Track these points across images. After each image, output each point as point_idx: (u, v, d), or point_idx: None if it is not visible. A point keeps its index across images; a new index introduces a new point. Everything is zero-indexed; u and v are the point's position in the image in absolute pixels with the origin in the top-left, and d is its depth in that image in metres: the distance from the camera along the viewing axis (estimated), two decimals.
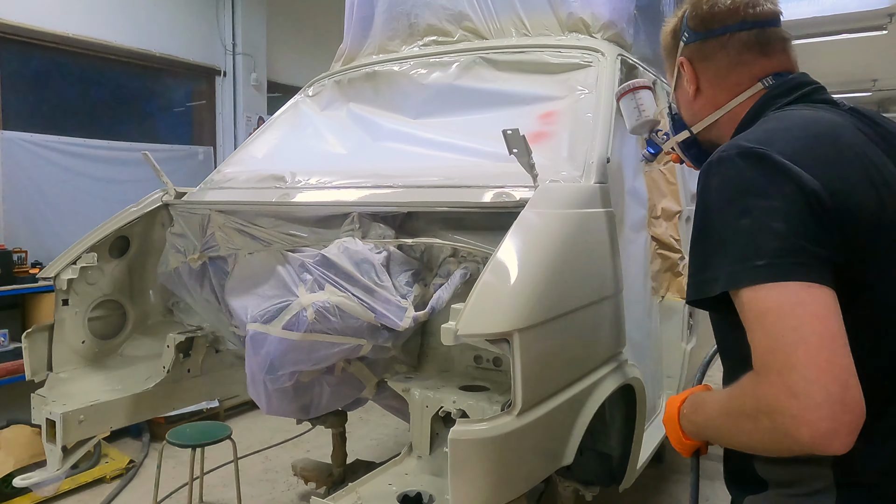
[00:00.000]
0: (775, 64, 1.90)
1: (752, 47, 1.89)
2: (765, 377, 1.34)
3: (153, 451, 6.06)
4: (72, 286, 3.72)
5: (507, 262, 2.35)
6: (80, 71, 7.63)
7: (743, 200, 1.47)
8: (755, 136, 1.60)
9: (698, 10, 1.96)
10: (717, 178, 1.55)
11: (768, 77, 1.87)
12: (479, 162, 3.21)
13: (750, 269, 1.40)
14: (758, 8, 1.89)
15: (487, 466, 2.23)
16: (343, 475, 4.48)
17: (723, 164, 1.55)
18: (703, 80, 1.99)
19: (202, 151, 8.82)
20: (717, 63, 1.93)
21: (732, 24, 1.90)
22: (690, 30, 1.99)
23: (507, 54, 3.81)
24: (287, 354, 2.87)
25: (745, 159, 1.51)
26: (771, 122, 1.71)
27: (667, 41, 2.15)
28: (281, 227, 3.37)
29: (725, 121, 1.95)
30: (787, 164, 1.47)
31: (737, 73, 1.91)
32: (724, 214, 1.50)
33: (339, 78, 4.42)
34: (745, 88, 1.90)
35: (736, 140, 1.62)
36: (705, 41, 1.95)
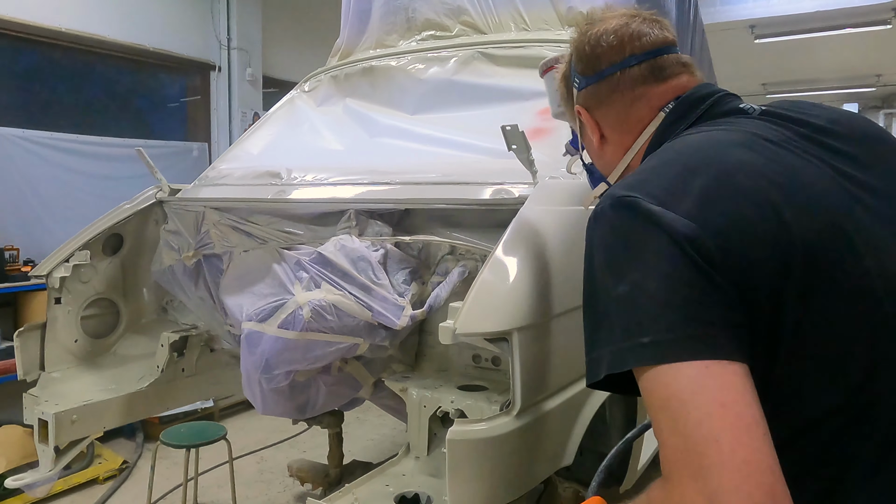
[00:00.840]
0: (676, 87, 1.73)
1: (646, 79, 1.74)
2: (677, 484, 1.11)
3: (147, 452, 6.06)
4: (64, 284, 3.71)
5: (505, 260, 2.35)
6: (72, 66, 7.62)
7: (618, 262, 1.30)
8: (630, 179, 1.43)
9: (581, 54, 1.83)
10: (593, 237, 1.39)
11: (669, 104, 1.70)
12: (477, 158, 3.21)
13: (635, 348, 1.21)
14: (644, 38, 1.75)
15: (486, 467, 2.22)
16: (339, 476, 4.48)
17: (597, 220, 1.39)
18: (605, 127, 1.83)
19: (197, 147, 8.81)
20: (615, 105, 1.78)
21: (620, 61, 1.75)
22: (579, 75, 1.85)
23: (506, 49, 3.80)
24: (283, 353, 2.87)
25: (616, 210, 1.34)
26: (652, 159, 1.51)
27: (561, 90, 1.99)
28: (277, 224, 3.37)
29: (637, 161, 1.76)
30: (655, 211, 1.27)
31: (636, 110, 1.75)
32: (602, 281, 1.33)
33: (335, 73, 4.41)
34: (646, 124, 1.73)
35: (612, 188, 1.48)
36: (597, 85, 1.79)
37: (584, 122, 1.87)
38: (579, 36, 1.86)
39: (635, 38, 1.75)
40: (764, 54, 11.85)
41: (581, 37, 1.85)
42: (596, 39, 1.78)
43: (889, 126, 18.25)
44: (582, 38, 1.84)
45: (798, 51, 12.10)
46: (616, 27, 1.77)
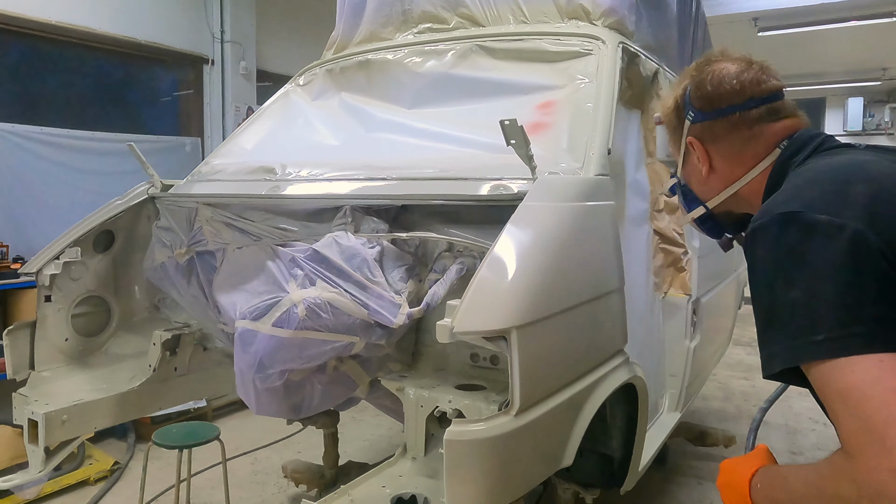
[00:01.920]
0: (788, 128, 1.94)
1: (762, 120, 1.94)
2: (862, 460, 1.29)
3: (139, 453, 6.06)
4: (55, 282, 3.71)
5: (504, 257, 2.35)
6: (62, 59, 7.61)
7: (786, 270, 1.47)
8: (783, 197, 1.61)
9: (703, 91, 2.01)
10: (758, 250, 1.56)
11: (784, 141, 1.92)
12: (475, 153, 3.21)
13: (809, 345, 1.40)
14: (763, 85, 1.95)
15: (484, 468, 2.23)
16: (335, 477, 4.49)
17: (759, 235, 1.56)
18: (717, 159, 2.03)
19: (189, 142, 8.81)
20: (730, 141, 1.98)
21: (740, 102, 1.95)
22: (696, 109, 2.03)
23: (505, 42, 3.80)
24: (277, 352, 2.87)
25: (780, 225, 1.51)
26: (795, 179, 1.71)
27: (669, 117, 2.17)
28: (271, 220, 3.37)
29: (745, 192, 2.00)
30: (822, 219, 1.46)
31: (752, 147, 1.95)
32: (772, 289, 1.50)
33: (330, 66, 4.41)
34: (761, 159, 1.94)
35: (767, 205, 1.61)
36: (714, 121, 1.99)
37: (694, 152, 2.06)
38: (698, 73, 2.04)
39: (755, 83, 1.95)
40: (768, 47, 11.83)
41: (701, 74, 2.03)
42: (719, 80, 1.98)
43: (895, 121, 18.26)
44: (702, 75, 2.02)
45: (802, 44, 12.11)
46: (737, 72, 1.97)
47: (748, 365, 8.92)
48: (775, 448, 6.13)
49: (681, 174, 2.20)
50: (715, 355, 5.67)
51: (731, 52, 2.06)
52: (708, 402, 7.56)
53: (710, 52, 2.11)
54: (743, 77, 1.96)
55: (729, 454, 5.88)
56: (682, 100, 2.09)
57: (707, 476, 5.62)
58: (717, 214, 2.15)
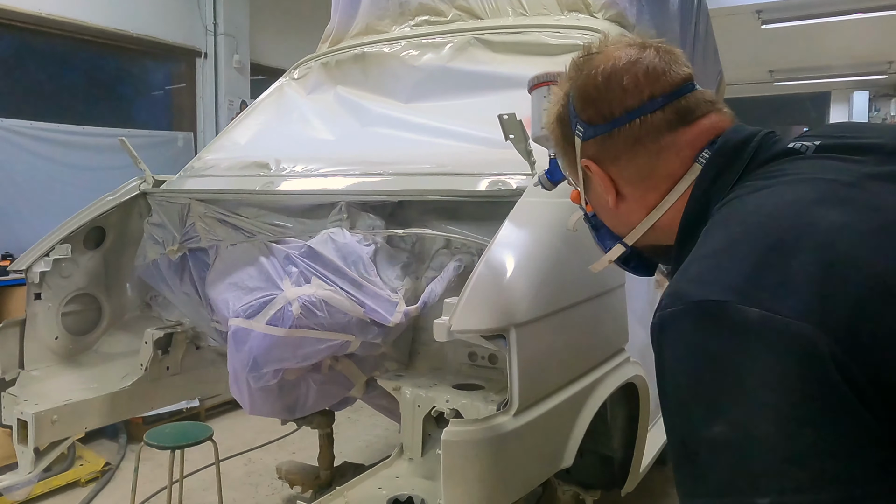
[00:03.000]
0: (706, 130, 1.49)
1: (671, 125, 1.48)
2: None
3: (130, 453, 6.05)
4: (44, 279, 3.71)
5: (503, 254, 2.35)
6: (52, 52, 7.60)
7: (707, 390, 1.05)
8: (699, 268, 1.17)
9: (587, 97, 1.55)
10: (664, 356, 1.15)
11: (703, 151, 1.46)
12: (473, 148, 3.21)
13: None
14: (664, 78, 1.50)
15: (482, 469, 2.23)
16: (330, 478, 4.48)
17: (668, 331, 1.14)
18: (623, 183, 1.56)
19: (182, 137, 8.80)
20: (636, 158, 1.51)
21: (638, 105, 1.48)
22: (584, 123, 1.56)
23: (504, 35, 3.80)
24: (271, 351, 2.87)
25: (695, 321, 1.09)
26: (716, 234, 1.24)
27: (555, 132, 1.68)
28: (265, 216, 3.36)
29: (666, 222, 1.53)
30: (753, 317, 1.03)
31: (664, 162, 1.49)
32: (687, 415, 1.08)
33: (326, 60, 4.41)
34: (679, 178, 1.49)
35: (677, 281, 1.18)
36: (609, 135, 1.52)
37: (594, 178, 1.59)
38: (578, 73, 1.58)
39: (653, 76, 1.50)
40: (771, 40, 11.83)
41: (582, 75, 1.57)
42: (605, 80, 1.52)
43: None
44: (584, 76, 1.56)
45: (807, 37, 12.09)
46: (627, 64, 1.51)
47: None
48: None
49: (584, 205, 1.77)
50: None
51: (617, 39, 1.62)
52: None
53: (589, 44, 1.63)
54: (636, 69, 1.50)
55: None
56: (565, 110, 1.61)
57: None
58: (642, 249, 1.69)
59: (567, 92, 1.60)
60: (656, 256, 1.73)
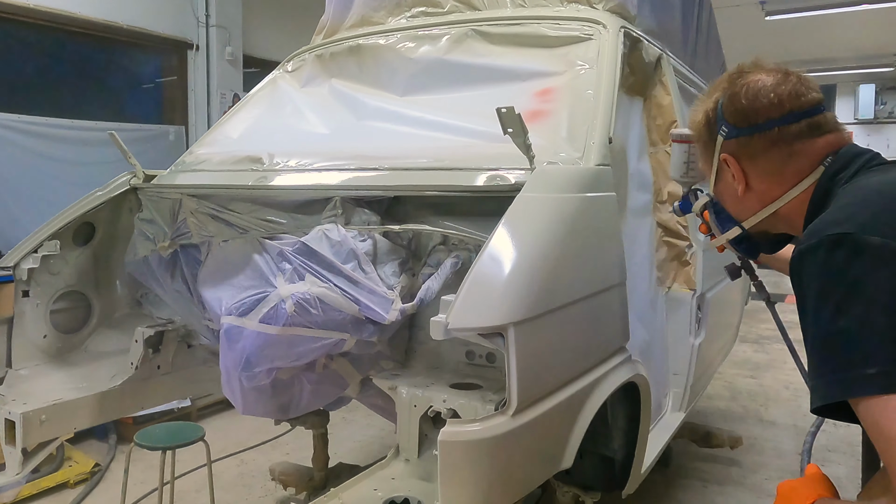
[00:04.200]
0: (831, 143, 1.90)
1: (803, 136, 1.89)
2: None
3: (120, 454, 6.05)
4: (32, 276, 3.70)
5: (501, 251, 2.34)
6: (41, 44, 7.58)
7: (836, 296, 1.45)
8: (832, 217, 1.59)
9: (737, 105, 1.97)
10: (805, 275, 1.54)
11: (827, 158, 1.88)
12: (471, 142, 3.20)
13: (860, 379, 1.38)
14: (803, 98, 1.90)
15: (480, 470, 2.23)
16: (325, 480, 4.48)
17: (807, 258, 1.54)
18: (753, 177, 2.00)
19: (173, 131, 8.79)
20: (769, 158, 1.94)
21: (779, 117, 1.90)
22: (730, 125, 1.99)
23: (502, 26, 3.79)
24: (264, 350, 2.87)
25: (829, 247, 1.49)
26: (844, 198, 1.69)
27: (699, 131, 2.13)
28: (258, 212, 3.36)
29: (785, 211, 1.97)
30: (875, 242, 1.44)
31: (793, 165, 1.91)
32: (821, 316, 1.47)
33: (320, 52, 4.40)
34: (804, 176, 1.90)
35: (814, 226, 1.60)
36: (750, 137, 1.95)
37: (729, 170, 2.03)
38: (731, 85, 2.00)
39: (794, 96, 1.90)
40: (775, 32, 11.87)
41: (734, 86, 1.99)
42: (754, 93, 1.93)
43: None
44: (736, 88, 1.98)
45: (811, 29, 12.12)
46: (774, 84, 1.92)
47: (755, 363, 8.91)
48: (785, 449, 6.11)
49: (713, 192, 2.19)
50: (720, 353, 5.67)
51: (764, 63, 2.02)
52: (713, 401, 7.57)
53: (742, 63, 2.07)
54: (781, 90, 1.91)
55: (735, 456, 5.89)
56: (713, 114, 2.04)
57: (712, 479, 5.63)
58: (754, 234, 2.14)
59: (717, 99, 2.03)
60: (763, 243, 2.21)
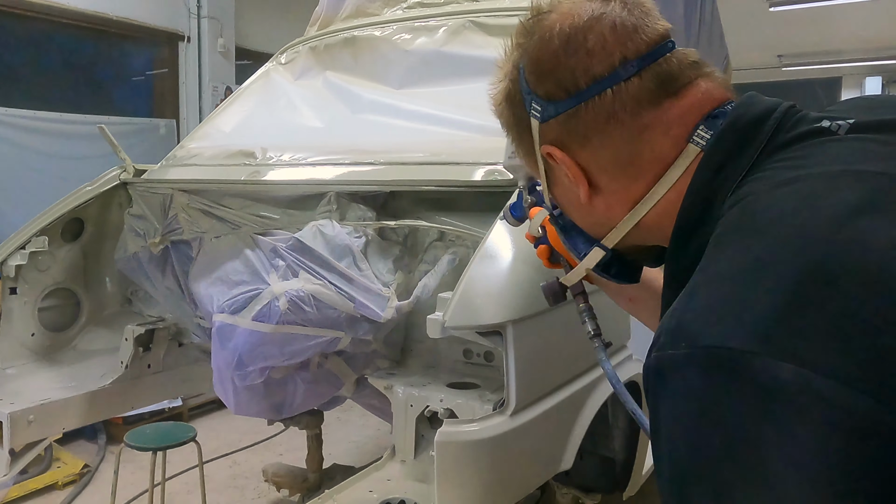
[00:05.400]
0: (698, 102, 1.21)
1: (653, 96, 1.20)
2: None
3: (110, 455, 6.05)
4: (20, 273, 3.70)
5: (499, 247, 2.35)
6: (28, 36, 7.57)
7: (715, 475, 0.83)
8: (710, 300, 0.92)
9: (543, 66, 1.27)
10: (664, 409, 0.91)
11: (698, 129, 1.18)
12: (469, 136, 3.20)
13: None
14: (637, 36, 1.21)
15: (478, 471, 2.23)
16: (319, 481, 4.49)
17: (670, 381, 0.90)
18: (596, 172, 1.27)
19: (164, 125, 8.78)
20: (610, 141, 1.23)
21: (609, 73, 1.20)
22: (541, 99, 1.28)
23: (500, 18, 3.79)
24: (257, 348, 2.87)
25: (704, 374, 0.85)
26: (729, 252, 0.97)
27: (504, 114, 1.45)
28: (250, 207, 3.36)
29: (654, 218, 1.25)
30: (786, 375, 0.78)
31: (648, 146, 1.21)
32: (682, 495, 0.88)
33: (314, 44, 4.39)
34: (669, 163, 1.21)
35: (679, 315, 0.93)
36: (575, 112, 1.23)
37: (560, 168, 1.31)
38: (529, 38, 1.33)
39: (623, 34, 1.21)
40: (780, 23, 11.86)
41: (534, 39, 1.30)
42: (564, 43, 1.24)
43: None
44: (537, 41, 1.29)
45: (817, 19, 12.10)
46: (589, 20, 1.23)
47: None
48: None
49: (550, 201, 1.49)
50: None
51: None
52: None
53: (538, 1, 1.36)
54: (601, 27, 1.21)
55: None
56: (515, 86, 1.36)
57: None
58: (624, 250, 1.39)
59: (516, 63, 1.35)
60: (642, 259, 1.44)
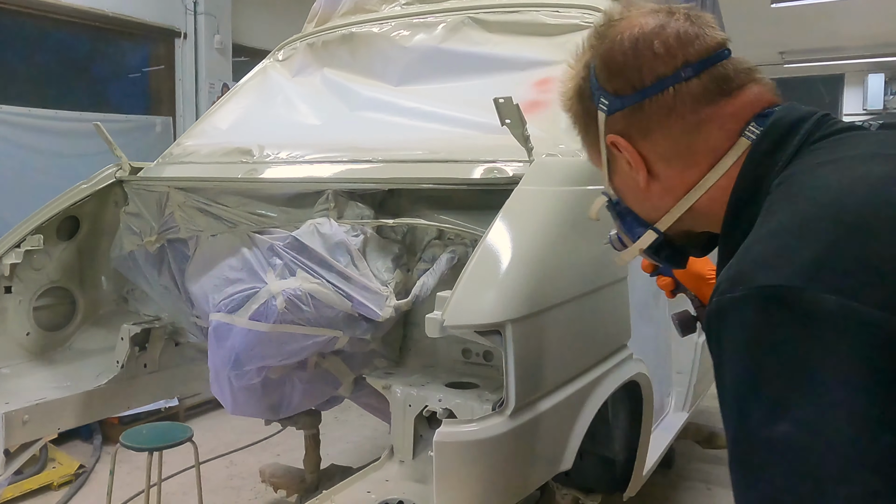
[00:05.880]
0: (750, 103, 1.42)
1: (710, 95, 1.42)
2: None
3: (105, 456, 6.05)
4: (15, 272, 3.70)
5: (498, 246, 2.35)
6: (23, 32, 7.55)
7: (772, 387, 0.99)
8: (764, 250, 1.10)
9: (614, 66, 1.48)
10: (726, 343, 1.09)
11: (750, 125, 1.39)
12: (467, 134, 3.21)
13: None
14: (698, 42, 1.43)
15: (477, 472, 2.23)
16: (317, 482, 4.48)
17: (729, 318, 1.07)
18: (655, 160, 1.49)
19: (160, 122, 8.75)
20: (669, 133, 1.44)
21: (671, 73, 1.42)
22: (609, 94, 1.49)
23: (499, 14, 3.79)
24: (254, 348, 2.87)
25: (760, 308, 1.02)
26: (780, 212, 1.17)
27: (573, 109, 1.64)
28: (247, 206, 3.36)
29: (704, 203, 1.46)
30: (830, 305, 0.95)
31: (705, 136, 1.43)
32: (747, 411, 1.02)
33: (312, 40, 4.39)
34: (722, 153, 1.42)
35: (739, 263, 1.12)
36: (639, 106, 1.45)
37: (622, 156, 1.52)
38: (601, 41, 1.53)
39: (685, 41, 1.43)
40: (781, 20, 11.85)
41: (606, 42, 1.51)
42: (633, 45, 1.45)
43: None
44: (609, 43, 1.51)
45: (818, 16, 12.10)
46: (656, 28, 1.45)
47: None
48: None
49: (610, 189, 1.67)
50: None
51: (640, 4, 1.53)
52: (718, 400, 7.56)
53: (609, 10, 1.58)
54: (666, 34, 1.43)
55: None
56: (586, 83, 1.56)
57: (716, 481, 5.63)
58: (674, 237, 1.61)
59: (588, 63, 1.55)
60: (690, 245, 1.66)
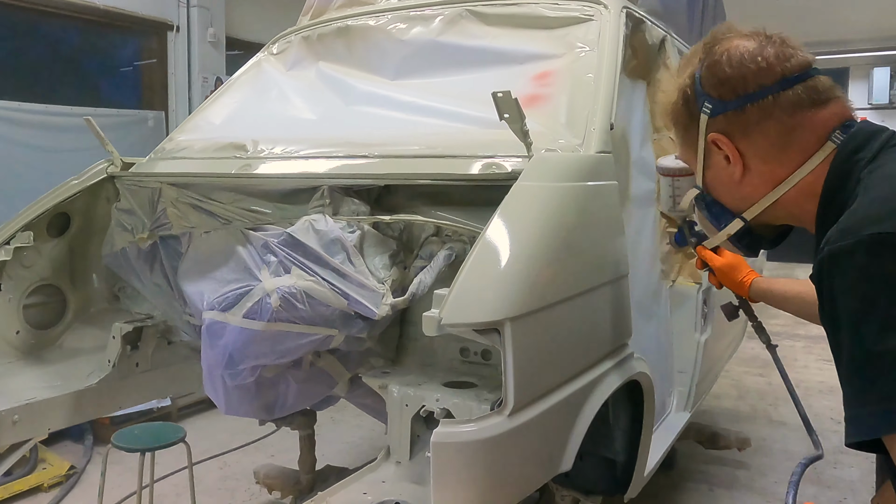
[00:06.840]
0: (838, 113, 1.72)
1: (804, 104, 1.70)
2: None
3: (97, 456, 6.05)
4: (4, 269, 3.69)
5: (497, 242, 2.34)
6: (12, 25, 7.56)
7: (882, 309, 1.29)
8: (868, 212, 1.41)
9: (721, 75, 1.78)
10: (839, 282, 1.38)
11: (836, 131, 1.69)
12: (465, 128, 3.20)
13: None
14: (793, 60, 1.72)
15: (475, 473, 2.23)
16: (312, 483, 4.49)
17: (841, 261, 1.37)
18: (751, 157, 1.78)
19: (152, 116, 8.75)
20: (766, 134, 1.74)
21: (771, 83, 1.71)
22: (714, 99, 1.79)
23: (498, 7, 3.79)
24: (248, 346, 2.87)
25: (871, 250, 1.33)
26: (877, 187, 1.49)
27: (677, 113, 1.94)
28: (241, 202, 3.35)
29: (790, 197, 1.76)
30: None
31: (797, 140, 1.71)
32: (861, 332, 1.32)
33: (307, 33, 4.39)
34: (811, 153, 1.70)
35: (846, 223, 1.42)
36: (741, 110, 1.75)
37: (723, 152, 1.81)
38: (708, 54, 1.83)
39: (783, 59, 1.72)
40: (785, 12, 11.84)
41: (712, 55, 1.81)
42: (738, 59, 1.75)
43: None
44: (715, 56, 1.80)
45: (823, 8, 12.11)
46: (758, 47, 1.75)
47: (763, 360, 8.89)
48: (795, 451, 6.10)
49: (702, 183, 1.96)
50: (727, 350, 5.68)
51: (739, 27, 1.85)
52: (720, 400, 7.58)
53: (714, 29, 1.88)
54: (767, 52, 1.72)
55: (743, 458, 5.90)
56: (692, 90, 1.85)
57: (719, 482, 5.64)
58: (755, 227, 1.92)
59: (692, 73, 1.84)
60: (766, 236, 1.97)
